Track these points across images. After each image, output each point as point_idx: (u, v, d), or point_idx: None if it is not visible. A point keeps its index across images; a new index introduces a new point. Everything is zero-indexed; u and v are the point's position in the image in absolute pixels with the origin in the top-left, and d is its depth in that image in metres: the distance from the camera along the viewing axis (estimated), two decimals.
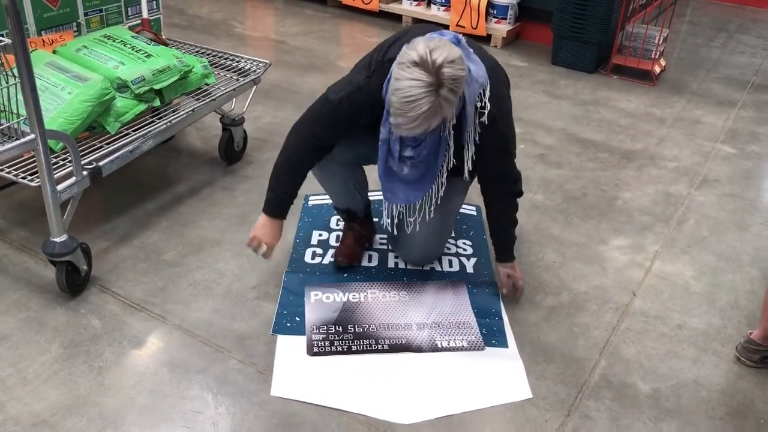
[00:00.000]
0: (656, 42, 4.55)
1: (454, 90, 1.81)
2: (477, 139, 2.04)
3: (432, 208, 2.24)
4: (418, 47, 1.81)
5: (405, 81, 1.79)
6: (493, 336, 2.25)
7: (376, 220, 2.68)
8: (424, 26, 2.15)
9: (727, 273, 2.68)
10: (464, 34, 2.06)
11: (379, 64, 2.03)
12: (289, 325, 2.25)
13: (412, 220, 2.29)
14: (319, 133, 2.14)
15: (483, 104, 1.99)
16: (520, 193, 2.29)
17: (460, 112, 1.98)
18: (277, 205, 2.23)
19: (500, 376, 2.11)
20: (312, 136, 2.14)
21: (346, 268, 2.51)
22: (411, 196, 2.17)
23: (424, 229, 2.35)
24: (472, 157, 2.08)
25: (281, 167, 2.20)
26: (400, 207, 2.27)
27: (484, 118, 2.00)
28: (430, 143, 2.04)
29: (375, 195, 2.65)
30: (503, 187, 2.24)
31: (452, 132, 2.03)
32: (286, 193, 2.21)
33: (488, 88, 2.00)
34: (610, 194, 3.18)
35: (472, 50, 2.01)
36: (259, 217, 2.26)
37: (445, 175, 2.14)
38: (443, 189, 2.17)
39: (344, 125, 2.13)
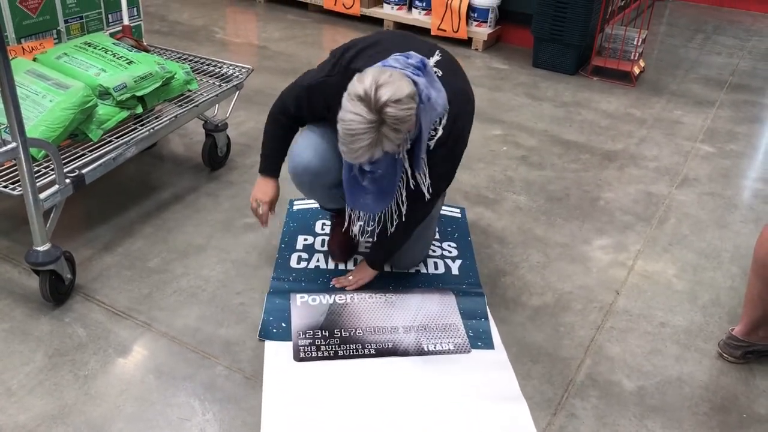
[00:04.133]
0: (635, 43, 4.60)
1: (397, 128, 1.83)
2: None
3: (394, 225, 2.26)
4: (365, 80, 1.81)
5: (348, 114, 1.82)
6: (479, 338, 2.27)
7: None
8: (401, 36, 2.16)
9: (708, 270, 2.72)
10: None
11: (342, 68, 2.06)
12: (275, 331, 2.25)
13: (370, 228, 2.34)
14: (289, 107, 2.27)
15: (436, 131, 2.02)
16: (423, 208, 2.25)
17: (416, 139, 1.99)
18: (267, 165, 2.36)
19: (490, 381, 2.11)
20: (283, 109, 2.29)
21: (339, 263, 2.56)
22: (371, 206, 2.18)
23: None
24: (428, 183, 2.10)
25: (265, 134, 2.35)
26: (362, 218, 2.32)
27: (432, 142, 2.03)
28: (385, 165, 2.04)
29: None
30: (412, 206, 2.20)
31: (406, 157, 2.04)
32: (273, 153, 2.34)
33: (445, 117, 2.02)
34: (592, 194, 3.22)
35: (438, 75, 2.02)
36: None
37: (403, 195, 2.15)
38: (405, 207, 2.18)
39: (307, 109, 2.24)
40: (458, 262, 2.63)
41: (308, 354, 2.16)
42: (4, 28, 2.73)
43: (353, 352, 2.18)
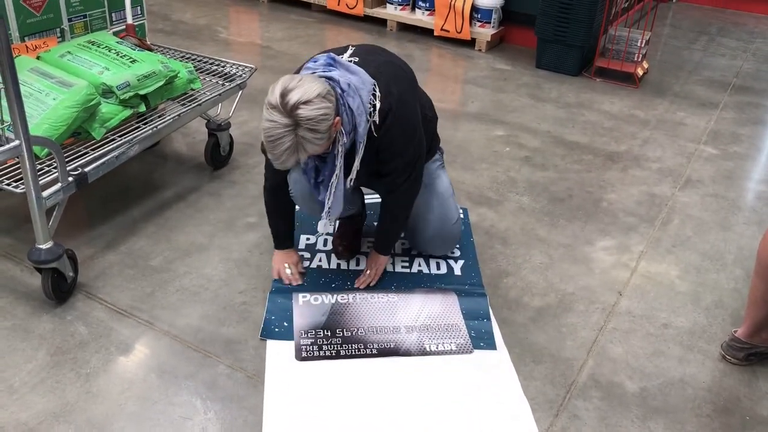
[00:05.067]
0: (639, 45, 4.60)
1: (312, 128, 1.89)
2: (375, 133, 2.09)
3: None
4: (276, 88, 1.90)
5: (265, 122, 1.91)
6: (481, 338, 2.26)
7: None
8: (321, 54, 2.21)
9: (711, 272, 2.71)
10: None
11: None
12: (277, 330, 2.24)
13: (334, 233, 2.48)
14: (268, 176, 2.36)
15: (374, 107, 2.06)
16: (411, 172, 2.28)
17: (353, 126, 2.04)
18: (279, 239, 2.49)
19: (492, 382, 2.11)
20: (265, 184, 2.39)
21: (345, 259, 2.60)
22: (343, 212, 2.26)
23: (430, 219, 2.44)
24: (356, 167, 2.12)
25: (267, 211, 2.47)
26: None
27: (376, 117, 2.07)
28: (330, 167, 2.10)
29: (371, 198, 2.73)
30: (394, 181, 2.26)
31: (340, 150, 2.06)
32: (280, 229, 2.47)
33: (377, 89, 2.07)
34: (595, 196, 3.21)
35: (354, 62, 2.10)
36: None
37: (340, 189, 2.16)
38: (340, 204, 2.20)
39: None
40: (461, 262, 2.63)
41: (310, 353, 2.16)
42: (8, 26, 2.73)
43: (355, 351, 2.18)
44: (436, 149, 2.54)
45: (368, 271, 2.48)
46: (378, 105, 2.06)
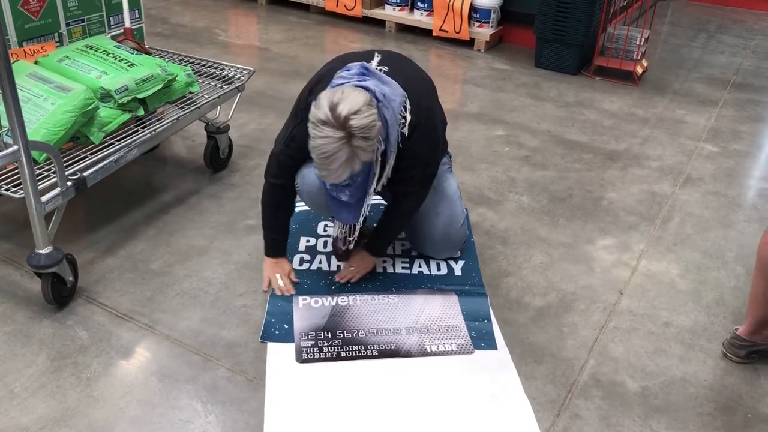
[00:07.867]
0: (638, 43, 4.59)
1: (365, 137, 1.91)
2: (400, 144, 2.12)
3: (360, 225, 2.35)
4: (322, 104, 1.90)
5: (318, 139, 1.90)
6: (482, 339, 2.26)
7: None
8: (340, 58, 2.23)
9: (712, 270, 2.70)
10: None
11: (303, 111, 2.11)
12: (277, 332, 2.24)
13: (351, 239, 2.43)
14: (274, 181, 2.34)
15: (404, 119, 2.09)
16: (425, 185, 2.33)
17: (386, 138, 2.07)
18: (270, 246, 2.44)
19: (493, 382, 2.11)
20: (271, 183, 2.35)
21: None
22: (351, 218, 2.27)
23: (438, 223, 2.45)
24: (387, 175, 2.17)
25: (262, 212, 2.42)
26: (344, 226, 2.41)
27: (405, 129, 2.09)
28: (364, 173, 2.12)
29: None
30: (408, 187, 2.29)
31: (379, 158, 2.11)
32: (274, 233, 2.43)
33: (407, 102, 2.10)
34: (595, 195, 3.20)
35: (384, 71, 2.11)
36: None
37: (372, 197, 2.23)
38: (367, 209, 2.26)
39: (293, 168, 2.29)
40: (461, 262, 2.62)
41: (310, 355, 2.15)
42: (6, 31, 2.73)
43: (356, 353, 2.17)
44: (445, 152, 2.56)
45: (352, 268, 2.47)
46: (409, 117, 2.09)
